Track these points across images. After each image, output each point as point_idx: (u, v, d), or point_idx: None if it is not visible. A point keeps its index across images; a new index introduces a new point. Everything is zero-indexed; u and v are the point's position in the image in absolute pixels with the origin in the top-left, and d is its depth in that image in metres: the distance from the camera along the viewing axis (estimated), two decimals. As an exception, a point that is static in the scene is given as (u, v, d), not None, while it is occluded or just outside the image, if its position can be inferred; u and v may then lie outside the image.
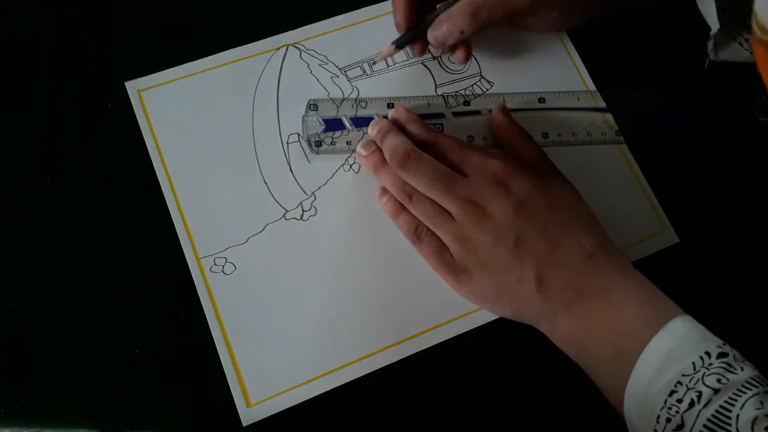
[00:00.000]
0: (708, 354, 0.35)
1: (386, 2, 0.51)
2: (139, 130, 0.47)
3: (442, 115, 0.48)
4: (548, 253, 0.40)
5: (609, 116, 0.49)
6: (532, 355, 0.43)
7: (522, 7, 0.45)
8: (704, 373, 0.35)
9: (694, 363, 0.35)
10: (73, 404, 0.41)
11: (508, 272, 0.40)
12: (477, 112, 0.48)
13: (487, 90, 0.50)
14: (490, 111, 0.48)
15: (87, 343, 0.42)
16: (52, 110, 0.48)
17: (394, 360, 0.43)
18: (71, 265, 0.44)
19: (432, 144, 0.44)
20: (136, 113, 0.47)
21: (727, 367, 0.35)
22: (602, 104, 0.49)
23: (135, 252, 0.44)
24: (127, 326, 0.43)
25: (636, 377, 0.36)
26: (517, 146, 0.46)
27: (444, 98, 0.49)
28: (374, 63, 0.49)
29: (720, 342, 0.36)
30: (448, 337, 0.43)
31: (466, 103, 0.49)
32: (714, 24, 0.45)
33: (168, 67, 0.49)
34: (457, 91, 0.50)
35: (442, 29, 0.46)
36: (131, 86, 0.48)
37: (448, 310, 0.44)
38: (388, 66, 0.50)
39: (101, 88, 0.48)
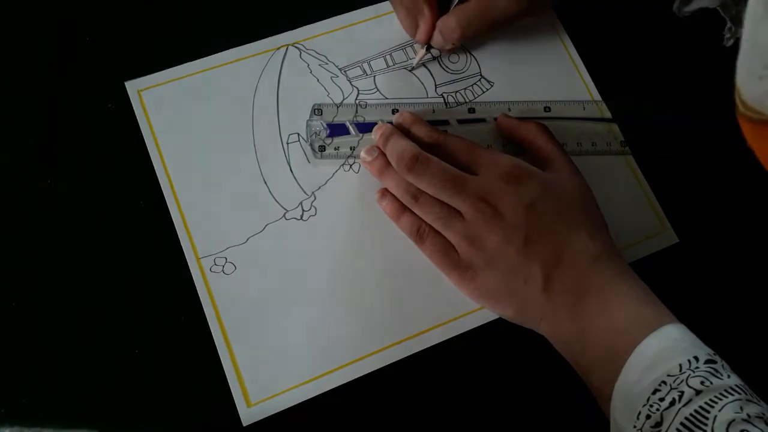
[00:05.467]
0: (696, 358, 0.36)
1: (386, 2, 0.51)
2: (139, 130, 0.47)
3: (446, 122, 0.48)
4: (555, 254, 0.40)
5: (614, 126, 0.49)
6: (532, 355, 0.43)
7: (509, 19, 0.46)
8: (689, 375, 0.35)
9: (680, 365, 0.35)
10: (73, 404, 0.41)
11: (515, 272, 0.40)
12: (482, 120, 0.48)
13: (487, 90, 0.50)
14: (496, 119, 0.48)
15: (87, 343, 0.42)
16: (52, 110, 0.48)
17: (394, 360, 0.43)
18: (71, 265, 0.44)
19: (439, 145, 0.44)
20: (136, 113, 0.47)
21: (713, 372, 0.35)
22: (608, 114, 0.49)
23: (135, 252, 0.44)
24: (127, 326, 0.43)
25: (624, 376, 0.37)
26: (533, 141, 0.45)
27: (448, 104, 0.49)
28: (412, 68, 0.50)
29: (711, 351, 0.36)
30: (448, 337, 0.43)
31: (471, 110, 0.49)
32: None
33: (168, 67, 0.49)
34: (457, 91, 0.50)
35: (438, 37, 0.47)
36: (131, 86, 0.48)
37: (448, 310, 0.44)
38: (388, 66, 0.50)
39: (101, 88, 0.48)
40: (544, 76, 0.50)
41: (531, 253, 0.40)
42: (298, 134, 0.48)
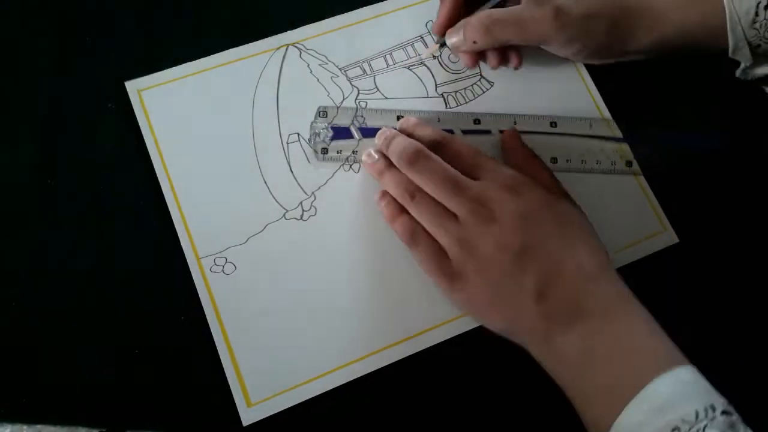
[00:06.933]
0: (713, 408, 0.34)
1: (386, 2, 0.51)
2: (139, 130, 0.47)
3: (451, 132, 0.48)
4: (551, 267, 0.39)
5: (623, 146, 0.48)
6: (531, 355, 0.43)
7: (537, 36, 0.45)
8: (706, 424, 0.33)
9: (697, 411, 0.34)
10: (73, 404, 0.41)
11: (508, 279, 0.39)
12: (487, 132, 0.48)
13: (487, 89, 0.50)
14: (501, 132, 0.48)
15: (87, 342, 0.42)
16: (52, 110, 0.48)
17: (394, 360, 0.43)
18: (71, 266, 0.44)
19: (444, 146, 0.44)
20: (136, 113, 0.47)
21: (731, 425, 0.34)
22: (617, 133, 0.48)
23: (135, 252, 0.44)
24: (127, 326, 0.43)
25: (629, 413, 0.35)
26: (527, 170, 0.44)
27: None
28: (422, 61, 0.50)
29: (725, 401, 0.35)
30: (448, 337, 0.43)
31: (477, 121, 0.48)
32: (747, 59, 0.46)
33: (168, 67, 0.49)
34: (457, 91, 0.50)
35: (458, 36, 0.46)
36: (131, 86, 0.48)
37: (448, 310, 0.44)
38: (388, 65, 0.50)
39: (101, 88, 0.48)
40: (544, 77, 0.50)
41: (525, 263, 0.39)
42: (298, 134, 0.48)
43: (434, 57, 0.50)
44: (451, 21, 0.47)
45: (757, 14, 0.43)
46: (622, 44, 0.46)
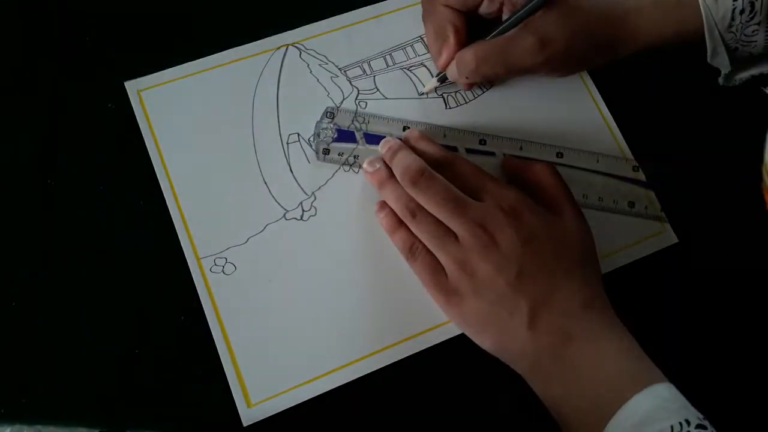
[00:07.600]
0: (687, 422, 0.35)
1: (386, 2, 0.51)
2: (139, 130, 0.47)
3: (455, 149, 0.48)
4: (546, 293, 0.40)
5: (625, 184, 0.48)
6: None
7: (524, 70, 0.46)
8: None
9: (672, 426, 0.35)
10: (73, 404, 0.41)
11: (502, 303, 0.40)
12: (491, 154, 0.48)
13: (487, 90, 0.50)
14: (505, 155, 0.47)
15: (87, 343, 0.42)
16: (52, 110, 0.48)
17: (394, 360, 0.43)
18: (71, 265, 0.44)
19: (447, 165, 0.44)
20: (135, 113, 0.47)
21: None
22: (623, 173, 0.48)
23: (135, 252, 0.44)
24: (127, 326, 0.43)
25: (611, 429, 0.36)
26: (540, 182, 0.44)
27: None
28: (422, 94, 0.49)
29: (700, 416, 0.36)
30: (448, 337, 0.43)
31: (483, 142, 0.48)
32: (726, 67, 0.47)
33: (168, 67, 0.49)
34: (457, 91, 0.50)
35: (453, 68, 0.46)
36: (131, 86, 0.48)
37: (448, 310, 0.44)
38: (388, 66, 0.50)
39: (101, 88, 0.48)
40: (544, 79, 0.50)
41: (521, 288, 0.39)
42: (298, 134, 0.48)
43: (435, 90, 0.50)
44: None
45: (733, 18, 0.44)
46: (599, 58, 0.47)
